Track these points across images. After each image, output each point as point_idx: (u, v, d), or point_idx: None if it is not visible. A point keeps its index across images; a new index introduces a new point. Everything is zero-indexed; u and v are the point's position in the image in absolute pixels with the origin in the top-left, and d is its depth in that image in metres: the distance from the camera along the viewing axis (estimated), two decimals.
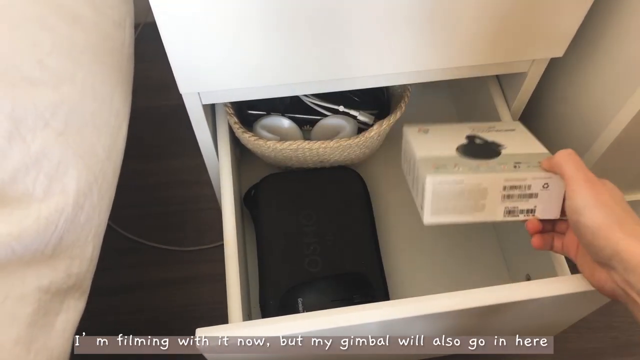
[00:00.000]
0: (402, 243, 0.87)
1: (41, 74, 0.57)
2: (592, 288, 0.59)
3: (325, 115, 0.87)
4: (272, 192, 0.85)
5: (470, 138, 0.68)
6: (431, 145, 0.66)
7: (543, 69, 0.76)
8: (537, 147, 0.66)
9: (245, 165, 0.94)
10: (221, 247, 0.72)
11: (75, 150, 0.57)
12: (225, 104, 0.81)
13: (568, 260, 0.70)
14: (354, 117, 0.86)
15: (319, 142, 0.79)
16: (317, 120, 0.88)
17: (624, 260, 0.47)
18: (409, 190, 0.85)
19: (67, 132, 0.57)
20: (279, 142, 0.79)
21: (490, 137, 0.68)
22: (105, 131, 0.63)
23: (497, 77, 0.86)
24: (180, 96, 0.69)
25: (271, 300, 0.76)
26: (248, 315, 0.77)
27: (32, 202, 0.52)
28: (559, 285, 0.61)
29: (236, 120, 0.81)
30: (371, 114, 0.87)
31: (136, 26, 0.95)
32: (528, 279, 0.79)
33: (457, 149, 0.65)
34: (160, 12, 0.58)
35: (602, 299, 0.67)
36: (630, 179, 0.86)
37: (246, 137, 0.80)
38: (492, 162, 0.62)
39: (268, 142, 0.79)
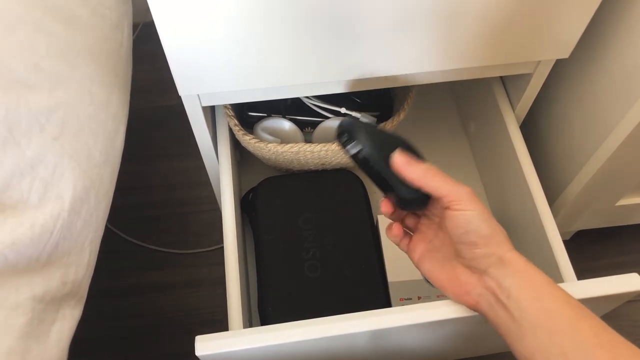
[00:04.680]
0: None
1: (36, 77, 0.56)
2: (601, 294, 0.58)
3: (327, 117, 0.86)
4: (269, 196, 0.84)
5: None
6: (400, 254, 0.69)
7: (549, 70, 0.75)
8: None
9: (245, 168, 0.93)
10: (221, 250, 0.71)
11: (71, 154, 0.56)
12: (225, 106, 0.80)
13: (574, 266, 0.69)
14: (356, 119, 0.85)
15: (320, 144, 0.78)
16: (318, 122, 0.86)
17: (505, 266, 0.49)
18: None
19: (63, 136, 0.56)
20: (279, 144, 0.78)
21: None
22: (103, 135, 0.62)
23: (501, 78, 0.85)
24: (179, 97, 0.68)
25: (270, 306, 0.75)
26: (249, 320, 0.76)
27: (26, 208, 0.51)
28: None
29: (236, 122, 0.79)
30: (373, 115, 0.86)
31: (135, 26, 0.94)
32: None
33: None
34: (159, 12, 0.57)
35: (610, 304, 0.66)
36: (637, 182, 0.85)
37: (246, 140, 0.79)
38: None
39: (269, 145, 0.78)
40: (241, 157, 0.93)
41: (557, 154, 0.88)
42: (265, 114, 0.86)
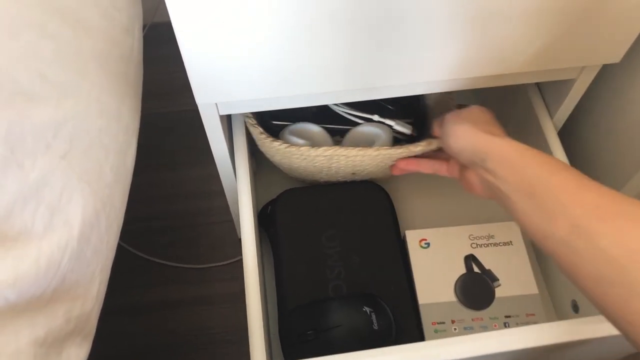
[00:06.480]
0: None
1: (41, 87, 0.50)
2: None
3: (357, 124, 0.80)
4: (290, 210, 0.78)
5: (469, 264, 0.76)
6: (431, 273, 0.75)
7: (594, 76, 0.70)
8: (528, 280, 0.75)
9: (260, 179, 0.87)
10: (235, 264, 0.66)
11: (80, 174, 0.50)
12: (246, 115, 0.74)
13: None
14: (390, 127, 0.79)
15: (356, 149, 0.71)
16: (346, 131, 0.80)
17: (488, 156, 0.57)
18: (437, 207, 0.86)
19: (71, 154, 0.50)
20: (312, 148, 0.72)
21: (487, 258, 0.76)
22: (114, 149, 0.56)
23: (537, 83, 0.80)
24: (189, 102, 0.63)
25: (292, 333, 0.69)
26: (268, 343, 0.71)
27: (31, 239, 0.45)
28: None
29: (261, 130, 0.73)
30: (408, 122, 0.80)
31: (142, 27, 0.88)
32: (574, 305, 0.72)
33: (456, 285, 0.74)
34: (179, 19, 0.52)
35: None
36: None
37: (275, 146, 0.73)
38: (486, 314, 0.73)
39: (301, 149, 0.72)
40: (257, 167, 0.88)
41: (600, 165, 0.83)
42: (289, 123, 0.80)
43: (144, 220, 1.06)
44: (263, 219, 0.81)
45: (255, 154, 0.87)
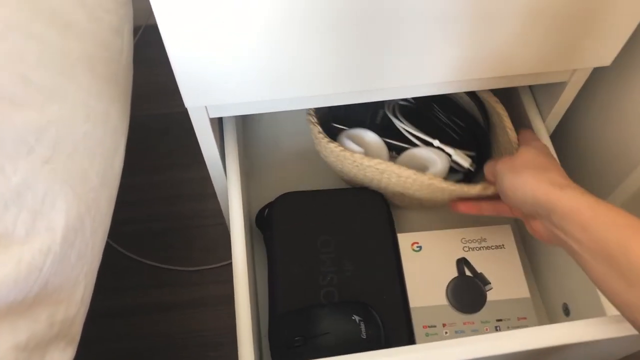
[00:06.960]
0: None
1: (25, 91, 0.49)
2: None
3: (415, 145, 0.78)
4: (287, 213, 0.78)
5: (460, 267, 0.76)
6: (423, 276, 0.75)
7: (585, 79, 0.69)
8: (520, 284, 0.75)
9: (255, 181, 0.87)
10: (227, 267, 0.65)
11: (64, 179, 0.50)
12: (308, 112, 0.74)
13: None
14: (449, 155, 0.76)
15: (410, 170, 0.69)
16: (404, 149, 0.79)
17: (553, 210, 0.53)
18: (430, 210, 0.85)
19: (55, 158, 0.50)
20: (366, 157, 0.71)
21: (479, 261, 0.76)
22: (100, 153, 0.56)
23: (530, 86, 0.79)
24: (183, 103, 0.62)
25: (281, 338, 0.69)
26: (258, 347, 0.71)
27: (11, 244, 0.45)
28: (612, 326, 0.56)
29: (320, 129, 0.73)
30: (468, 155, 0.77)
31: (137, 29, 0.88)
32: (566, 309, 0.72)
33: (447, 289, 0.74)
34: (164, 21, 0.51)
35: None
36: None
37: (330, 147, 0.72)
38: (477, 318, 0.72)
39: (355, 155, 0.71)
40: (250, 169, 0.87)
41: (592, 168, 0.82)
42: (347, 128, 0.79)
43: (137, 222, 1.06)
44: (260, 221, 0.81)
45: (249, 155, 0.87)
